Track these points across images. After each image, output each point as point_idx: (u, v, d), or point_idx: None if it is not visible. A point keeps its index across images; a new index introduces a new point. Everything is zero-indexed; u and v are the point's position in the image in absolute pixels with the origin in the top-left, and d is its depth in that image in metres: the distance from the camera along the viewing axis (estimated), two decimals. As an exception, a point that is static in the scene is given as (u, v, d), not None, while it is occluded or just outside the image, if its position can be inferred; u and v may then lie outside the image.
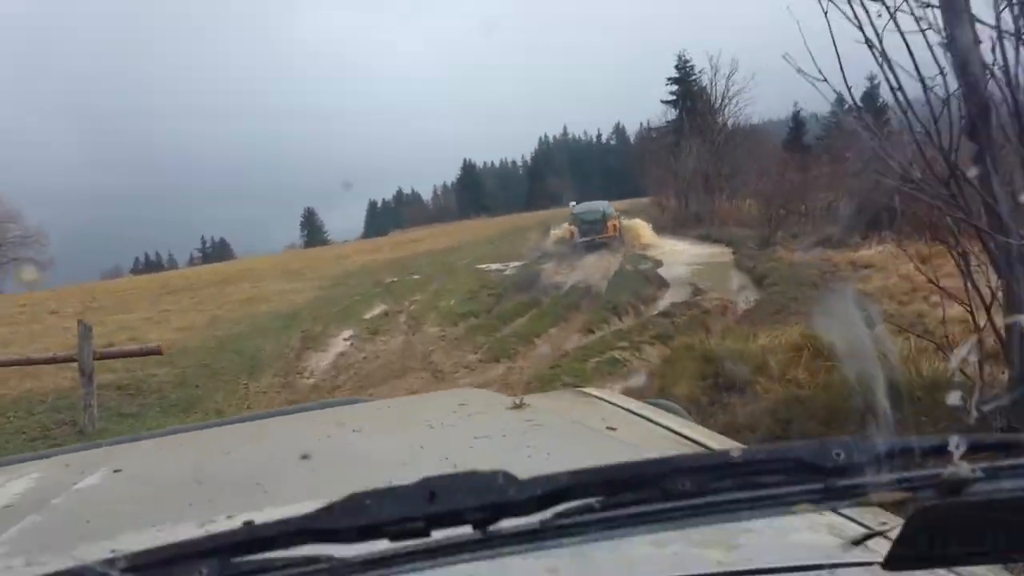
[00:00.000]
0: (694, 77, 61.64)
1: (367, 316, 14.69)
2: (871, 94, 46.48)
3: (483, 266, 23.24)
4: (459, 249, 34.32)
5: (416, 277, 22.46)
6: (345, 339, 12.19)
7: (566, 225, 28.37)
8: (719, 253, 22.22)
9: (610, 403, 1.47)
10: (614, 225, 26.86)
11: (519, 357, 9.41)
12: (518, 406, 1.35)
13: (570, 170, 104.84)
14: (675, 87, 63.79)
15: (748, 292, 14.11)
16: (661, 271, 18.33)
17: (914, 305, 9.84)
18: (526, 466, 0.68)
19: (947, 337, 7.77)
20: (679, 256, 21.89)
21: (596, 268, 20.62)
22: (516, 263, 23.00)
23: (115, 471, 1.24)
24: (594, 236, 25.91)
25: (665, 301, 13.74)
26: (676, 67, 63.99)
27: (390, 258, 34.51)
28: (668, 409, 1.45)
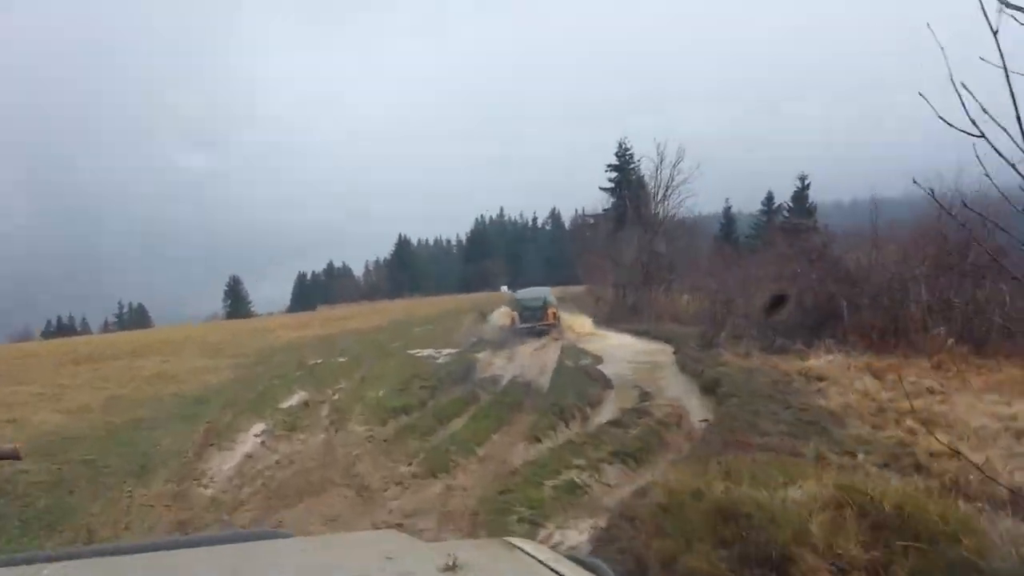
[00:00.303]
0: (633, 165, 63.20)
1: (285, 405, 13.24)
2: (800, 195, 47.48)
3: (415, 351, 21.97)
4: (390, 330, 32.92)
5: (343, 360, 21.01)
6: (257, 435, 10.72)
7: (507, 310, 28.38)
8: (660, 351, 21.47)
9: (540, 561, 1.35)
10: (554, 313, 27.54)
11: (459, 471, 8.15)
12: (451, 568, 1.23)
13: (505, 253, 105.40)
14: (614, 174, 65.33)
15: (700, 400, 13.24)
16: (603, 368, 17.39)
17: (889, 430, 9.04)
18: None
19: (956, 482, 7.00)
20: (619, 352, 21.03)
21: (534, 361, 19.63)
22: (450, 350, 21.85)
23: None
24: (535, 323, 26.54)
25: (612, 405, 12.73)
26: (616, 155, 65.52)
27: (317, 335, 32.86)
28: (595, 569, 1.34)
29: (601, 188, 64.34)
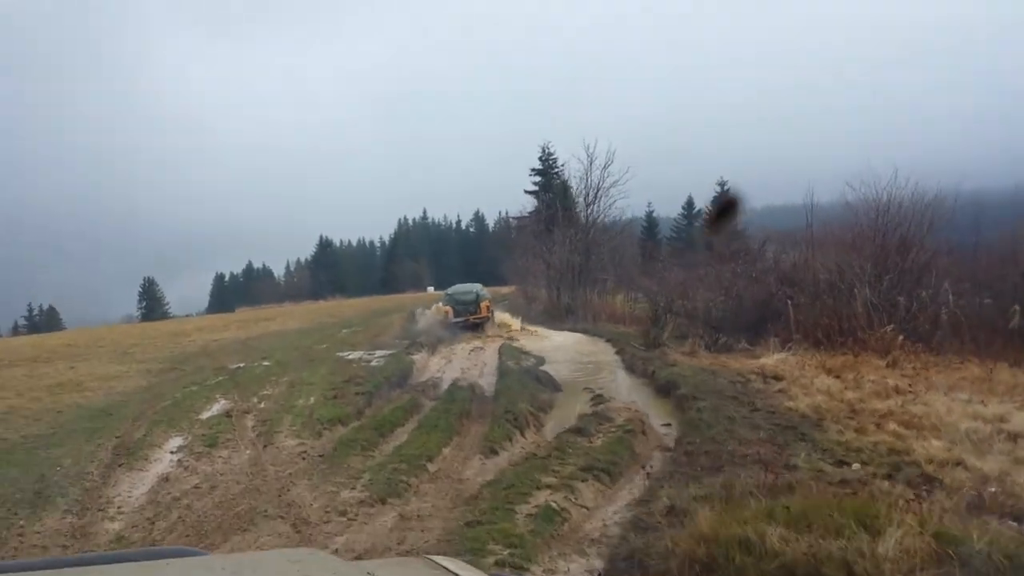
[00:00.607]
0: (556, 170, 62.91)
1: (205, 416, 11.90)
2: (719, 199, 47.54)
3: (346, 354, 20.64)
4: (316, 332, 31.33)
5: (267, 364, 19.56)
6: (173, 452, 9.39)
7: (441, 305, 28.92)
8: (602, 351, 20.77)
9: None
10: (487, 306, 28.40)
11: (412, 495, 7.05)
12: None
13: (429, 254, 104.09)
14: (538, 178, 64.93)
15: (657, 402, 12.50)
16: (547, 369, 16.53)
17: (873, 435, 8.39)
18: None
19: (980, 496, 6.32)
20: (560, 352, 20.21)
21: (474, 362, 18.67)
22: (383, 352, 20.60)
23: None
24: (468, 316, 27.34)
25: (566, 410, 11.86)
26: (540, 159, 65.17)
27: (237, 338, 31.02)
28: None
29: (526, 191, 64.09)
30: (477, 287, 30.28)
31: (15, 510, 7.23)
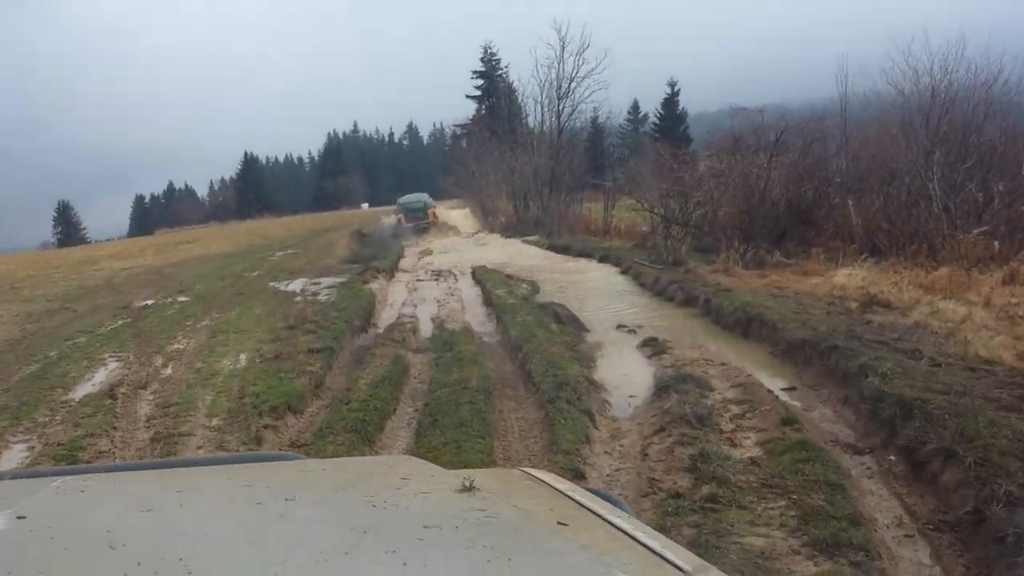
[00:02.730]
0: (500, 72, 57.99)
1: (79, 393, 7.81)
2: (670, 102, 43.75)
3: (283, 284, 16.45)
4: (244, 256, 26.82)
5: (184, 300, 15.30)
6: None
7: (395, 215, 34.11)
8: (598, 270, 17.10)
9: (558, 490, 1.33)
10: (433, 213, 33.48)
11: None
12: (467, 488, 1.22)
13: (361, 169, 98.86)
14: (480, 81, 59.96)
15: (734, 346, 8.86)
16: (545, 299, 12.74)
17: None
18: (484, 572, 0.90)
19: None
20: (557, 277, 16.36)
21: (449, 293, 14.74)
22: (330, 279, 16.47)
23: (19, 517, 1.10)
24: (418, 221, 32.01)
25: (619, 365, 8.15)
26: (482, 59, 60.12)
27: (152, 266, 26.36)
28: (614, 503, 1.30)
29: (468, 96, 59.21)
30: (424, 196, 35.56)
31: None
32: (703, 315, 10.76)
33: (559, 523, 1.14)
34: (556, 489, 1.33)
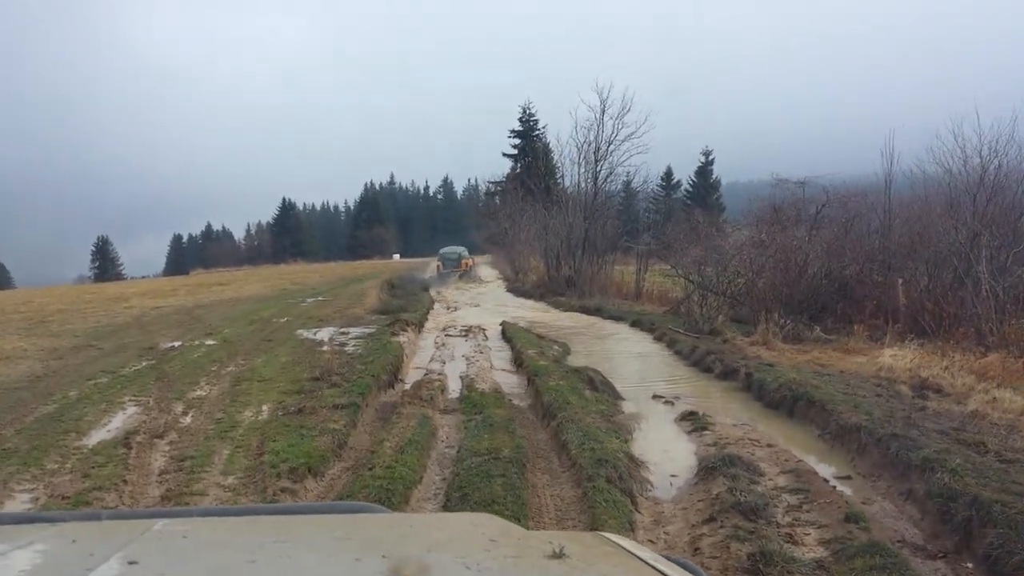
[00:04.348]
0: (538, 132, 58.44)
1: (92, 441, 7.50)
2: (704, 170, 43.74)
3: (311, 332, 16.22)
4: (275, 300, 26.73)
5: (210, 343, 15.09)
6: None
7: (435, 262, 41.52)
8: (632, 336, 16.64)
9: (638, 557, 1.31)
10: (466, 263, 41.24)
11: None
12: (557, 556, 1.18)
13: (395, 220, 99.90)
14: (518, 140, 60.43)
15: (778, 426, 8.38)
16: (582, 362, 12.34)
17: None
18: None
19: None
20: (589, 340, 15.97)
21: (476, 346, 14.42)
22: (358, 329, 16.23)
23: (130, 563, 1.10)
24: (453, 269, 39.30)
25: (658, 439, 7.71)
26: (520, 119, 60.66)
27: (182, 306, 26.29)
28: (693, 572, 1.30)
29: (504, 154, 59.72)
30: (460, 249, 43.26)
31: None
32: (744, 390, 10.30)
33: None
34: (638, 557, 1.32)
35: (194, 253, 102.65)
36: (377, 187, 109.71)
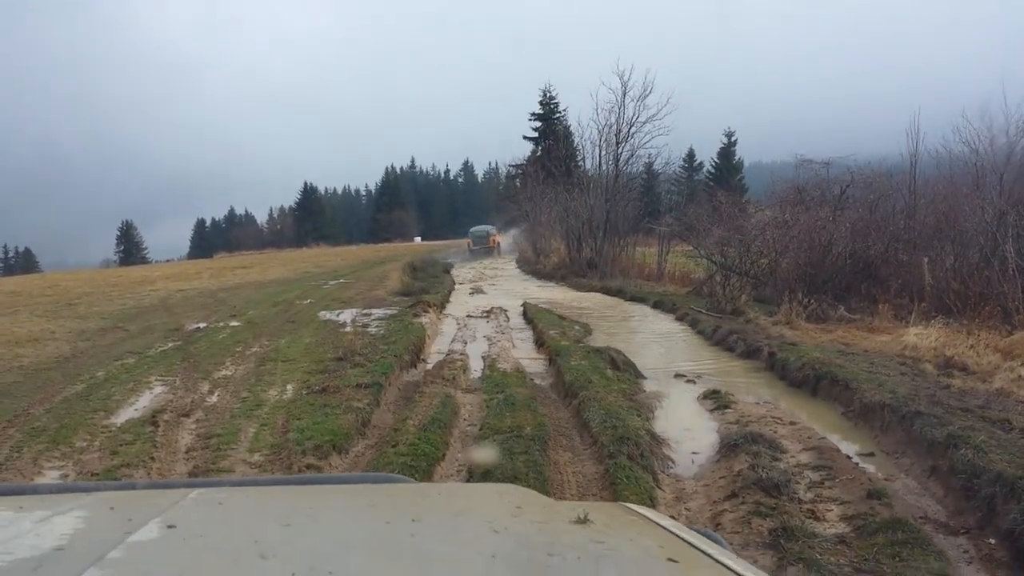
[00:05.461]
0: (558, 114, 58.12)
1: (120, 420, 7.63)
2: (727, 151, 43.28)
3: (335, 313, 16.35)
4: (298, 283, 26.94)
5: (235, 325, 15.27)
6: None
7: (467, 239, 45.24)
8: (653, 315, 16.60)
9: (663, 527, 1.33)
10: (494, 239, 45.06)
11: None
12: (582, 521, 1.21)
13: (416, 203, 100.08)
14: (538, 123, 60.13)
15: (803, 405, 8.35)
16: (603, 342, 12.33)
17: None
18: None
19: None
20: (611, 320, 15.97)
21: (500, 330, 14.45)
22: (380, 311, 16.34)
23: (169, 527, 1.14)
24: (482, 247, 43.43)
25: (681, 417, 7.72)
26: (540, 102, 60.31)
27: (207, 289, 26.57)
28: (717, 542, 1.28)
29: (525, 137, 59.46)
30: (489, 227, 47.35)
31: None
32: (767, 369, 10.25)
33: (669, 559, 1.15)
34: (661, 526, 1.33)
35: (217, 237, 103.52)
36: (398, 171, 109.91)
